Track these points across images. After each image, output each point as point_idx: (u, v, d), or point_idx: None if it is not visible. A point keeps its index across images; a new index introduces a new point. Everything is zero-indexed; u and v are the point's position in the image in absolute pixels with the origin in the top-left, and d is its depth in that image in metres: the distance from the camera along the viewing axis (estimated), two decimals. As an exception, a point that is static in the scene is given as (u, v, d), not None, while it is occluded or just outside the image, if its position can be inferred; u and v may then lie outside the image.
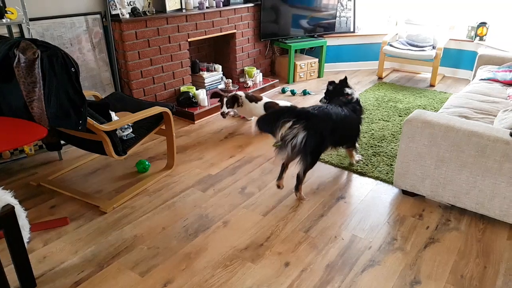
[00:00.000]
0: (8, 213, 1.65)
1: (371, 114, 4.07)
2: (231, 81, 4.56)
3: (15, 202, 1.73)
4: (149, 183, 2.81)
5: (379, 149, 3.30)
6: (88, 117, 2.21)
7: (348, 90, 2.91)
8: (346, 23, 5.61)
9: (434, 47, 5.05)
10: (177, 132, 3.72)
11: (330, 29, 5.48)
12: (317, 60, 5.31)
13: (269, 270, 2.04)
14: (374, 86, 5.02)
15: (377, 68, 5.41)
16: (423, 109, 4.05)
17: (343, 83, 2.95)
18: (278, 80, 5.04)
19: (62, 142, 2.86)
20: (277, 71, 5.44)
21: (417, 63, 5.07)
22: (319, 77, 5.44)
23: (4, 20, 2.72)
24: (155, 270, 2.04)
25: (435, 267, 2.06)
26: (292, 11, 5.09)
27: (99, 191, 2.74)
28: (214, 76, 4.53)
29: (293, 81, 5.22)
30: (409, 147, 2.49)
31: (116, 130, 2.48)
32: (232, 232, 2.33)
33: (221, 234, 2.31)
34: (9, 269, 1.91)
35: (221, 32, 4.47)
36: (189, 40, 4.13)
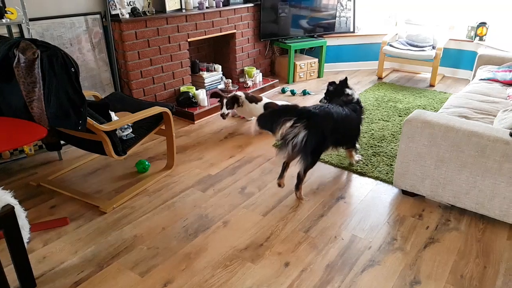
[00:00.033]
0: (8, 213, 1.65)
1: (371, 114, 4.07)
2: (230, 81, 4.56)
3: (15, 202, 1.73)
4: (149, 183, 2.81)
5: (379, 149, 3.30)
6: (88, 117, 2.21)
7: (348, 90, 2.91)
8: (346, 23, 5.61)
9: (434, 47, 5.05)
10: (177, 132, 3.72)
11: (330, 29, 5.48)
12: (317, 60, 5.31)
13: (269, 270, 2.04)
14: (374, 86, 5.02)
15: (377, 68, 5.41)
16: (423, 109, 4.05)
17: (343, 84, 2.95)
18: (278, 80, 5.04)
19: (62, 142, 2.86)
20: (277, 71, 5.44)
21: (417, 63, 5.07)
22: (319, 77, 5.44)
23: (4, 20, 2.72)
24: (155, 270, 2.04)
25: (435, 267, 2.06)
26: (292, 11, 5.08)
27: (99, 191, 2.74)
28: (214, 76, 4.53)
29: (293, 81, 5.22)
30: (409, 147, 2.49)
31: (116, 130, 2.48)
32: (232, 232, 2.33)
33: (221, 234, 2.31)
34: (9, 269, 1.91)
35: (221, 32, 4.47)
36: (189, 40, 4.13)
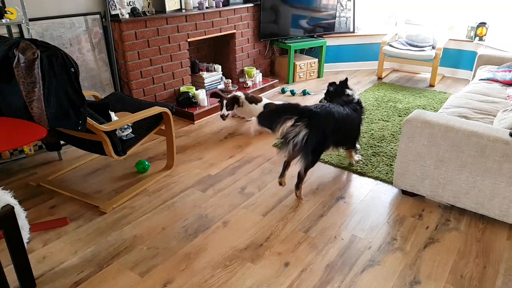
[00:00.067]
0: (7, 213, 1.65)
1: (370, 114, 4.07)
2: (230, 81, 4.56)
3: (14, 202, 1.73)
4: (149, 183, 2.81)
5: (378, 149, 3.30)
6: (87, 117, 2.21)
7: (348, 91, 2.91)
8: (345, 23, 5.61)
9: (433, 47, 5.05)
10: (177, 132, 3.72)
11: (329, 29, 5.48)
12: (316, 60, 5.32)
13: (268, 270, 2.04)
14: (373, 86, 5.02)
15: (377, 68, 5.41)
16: (423, 109, 4.05)
17: (343, 85, 2.95)
18: (277, 80, 5.04)
19: (61, 142, 2.86)
20: (276, 71, 5.45)
21: (416, 63, 5.07)
22: (318, 77, 5.44)
23: (3, 20, 2.72)
24: (155, 270, 2.04)
25: (434, 267, 2.06)
26: (292, 11, 5.09)
27: (99, 191, 2.74)
28: (213, 76, 4.53)
29: (293, 81, 5.23)
30: (409, 147, 2.49)
31: (115, 130, 2.48)
32: (232, 232, 2.33)
33: (220, 234, 2.31)
34: (8, 269, 1.91)
35: (220, 32, 4.47)
36: (189, 40, 4.13)
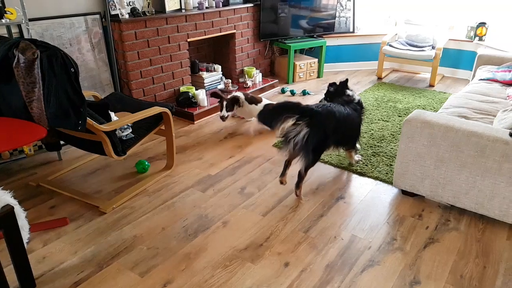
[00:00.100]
0: (7, 213, 1.65)
1: (370, 114, 4.07)
2: (230, 81, 4.56)
3: (14, 202, 1.73)
4: (149, 184, 2.81)
5: (378, 149, 3.30)
6: (87, 117, 2.21)
7: (348, 92, 2.91)
8: (345, 23, 5.61)
9: (433, 47, 5.05)
10: (177, 132, 3.72)
11: (329, 29, 5.48)
12: (316, 60, 5.32)
13: (268, 270, 2.04)
14: (373, 86, 5.02)
15: (377, 68, 5.41)
16: (423, 109, 4.05)
17: (343, 85, 2.95)
18: (277, 80, 5.04)
19: (61, 142, 2.86)
20: (276, 71, 5.45)
21: (416, 63, 5.08)
22: (318, 77, 5.44)
23: (3, 20, 2.72)
24: (155, 270, 2.04)
25: (434, 267, 2.06)
26: (291, 11, 5.08)
27: (99, 192, 2.74)
28: (213, 76, 4.53)
29: (293, 81, 5.23)
30: (409, 147, 2.49)
31: (115, 130, 2.48)
32: (231, 232, 2.33)
33: (220, 234, 2.31)
34: (8, 270, 1.91)
35: (220, 32, 4.47)
36: (189, 40, 4.13)
